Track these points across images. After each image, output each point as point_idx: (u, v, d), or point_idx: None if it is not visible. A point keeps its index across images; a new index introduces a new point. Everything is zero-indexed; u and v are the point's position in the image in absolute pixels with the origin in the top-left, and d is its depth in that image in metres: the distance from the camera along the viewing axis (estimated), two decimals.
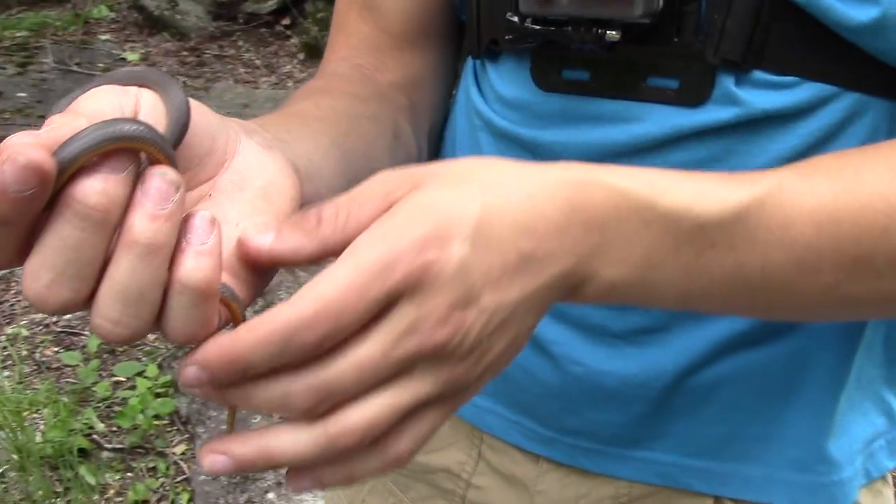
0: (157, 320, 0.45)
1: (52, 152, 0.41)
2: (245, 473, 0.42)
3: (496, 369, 0.49)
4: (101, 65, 4.63)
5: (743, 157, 0.63)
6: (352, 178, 0.65)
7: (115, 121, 0.43)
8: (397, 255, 0.44)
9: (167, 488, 2.26)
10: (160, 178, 0.43)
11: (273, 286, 2.79)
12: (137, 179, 0.43)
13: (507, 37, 0.67)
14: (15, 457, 2.25)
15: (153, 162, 0.44)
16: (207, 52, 4.88)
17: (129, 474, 2.31)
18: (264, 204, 0.51)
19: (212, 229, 0.44)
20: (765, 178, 0.54)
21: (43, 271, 0.42)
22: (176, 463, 2.33)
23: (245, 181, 0.51)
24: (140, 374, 2.56)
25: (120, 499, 2.24)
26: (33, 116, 4.09)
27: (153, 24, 5.02)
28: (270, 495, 2.20)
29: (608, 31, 0.61)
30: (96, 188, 0.41)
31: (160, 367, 2.59)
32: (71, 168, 0.41)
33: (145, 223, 0.42)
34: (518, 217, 0.47)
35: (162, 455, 2.36)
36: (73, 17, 5.05)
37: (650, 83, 0.64)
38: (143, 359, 2.64)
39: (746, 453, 0.71)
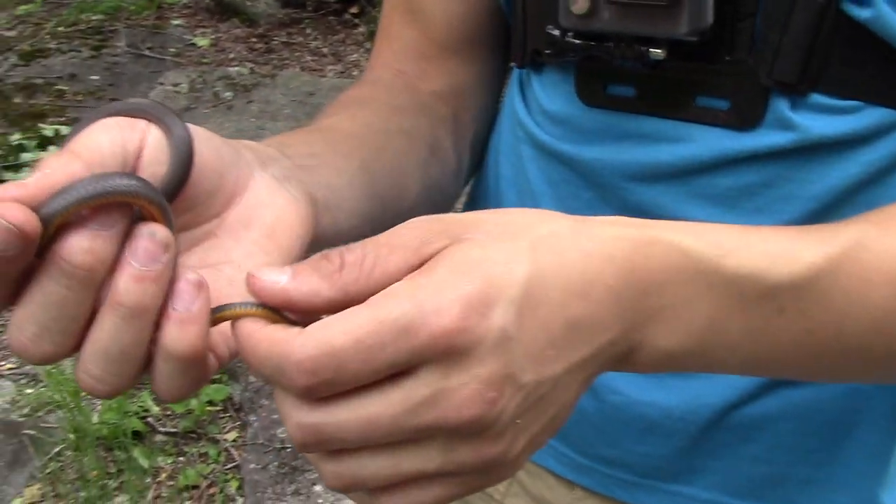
0: (145, 371, 0.44)
1: (37, 208, 0.40)
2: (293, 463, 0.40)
3: (534, 447, 0.44)
4: (172, 49, 4.69)
5: (796, 184, 0.59)
6: (379, 200, 0.63)
7: (106, 175, 0.42)
8: (428, 315, 0.39)
9: (217, 475, 2.29)
10: (149, 238, 0.42)
11: None
12: (126, 236, 0.42)
13: (546, 51, 0.63)
14: (71, 436, 2.29)
15: (145, 216, 0.43)
16: (276, 39, 4.91)
17: (180, 459, 2.33)
18: (269, 243, 0.49)
19: (197, 294, 0.42)
20: (840, 233, 0.48)
21: (27, 324, 0.42)
22: (227, 450, 2.35)
23: (252, 219, 0.49)
24: None
25: (171, 483, 2.26)
26: (105, 99, 4.17)
27: (224, 10, 5.07)
28: (318, 487, 2.21)
29: (652, 49, 0.57)
30: (83, 246, 0.41)
31: None
32: (57, 221, 0.40)
33: (131, 284, 0.41)
34: (571, 279, 0.42)
35: (214, 441, 2.38)
36: (146, 2, 5.13)
37: (699, 103, 0.60)
38: None
39: (792, 497, 0.67)
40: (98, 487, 2.20)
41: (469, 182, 0.80)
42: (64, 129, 3.81)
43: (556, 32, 0.61)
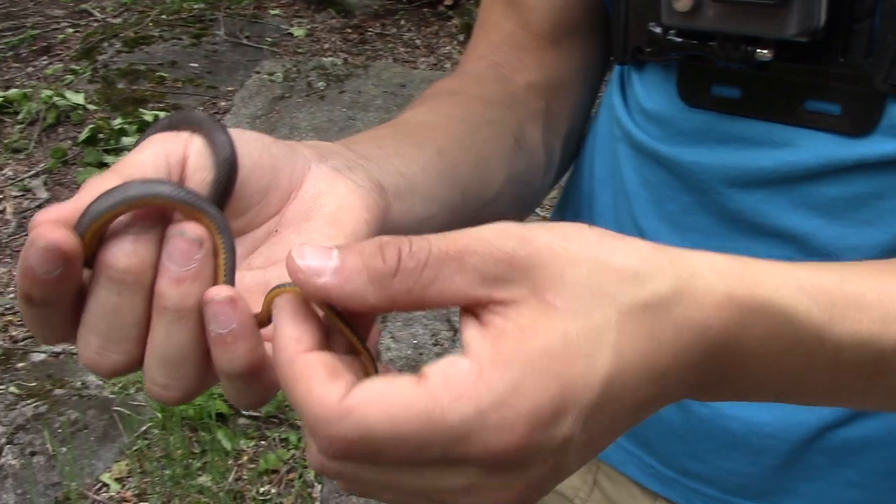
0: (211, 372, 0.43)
1: (74, 225, 0.40)
2: None
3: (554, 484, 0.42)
4: (269, 39, 4.77)
5: None
6: (458, 188, 0.62)
7: (132, 182, 0.42)
8: (489, 429, 0.35)
9: (297, 461, 2.32)
10: (179, 237, 0.42)
11: None
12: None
13: (647, 49, 0.61)
14: (159, 415, 2.35)
15: (186, 219, 0.43)
16: (370, 30, 4.95)
17: (262, 443, 2.37)
18: (332, 230, 0.48)
19: (233, 312, 0.41)
20: None
21: (91, 337, 0.42)
22: None
23: (312, 210, 0.49)
24: None
25: (252, 466, 2.31)
26: (203, 86, 4.27)
27: (320, 1, 5.13)
28: None
29: (758, 50, 0.54)
30: (125, 250, 0.41)
31: None
32: (91, 231, 0.41)
33: (171, 288, 0.41)
34: (655, 367, 0.38)
35: (294, 427, 2.41)
36: None
37: (808, 107, 0.57)
38: None
39: None
40: (182, 467, 2.26)
41: (561, 177, 0.78)
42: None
43: (659, 30, 0.59)
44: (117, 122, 3.89)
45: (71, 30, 4.95)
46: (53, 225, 0.40)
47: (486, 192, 0.66)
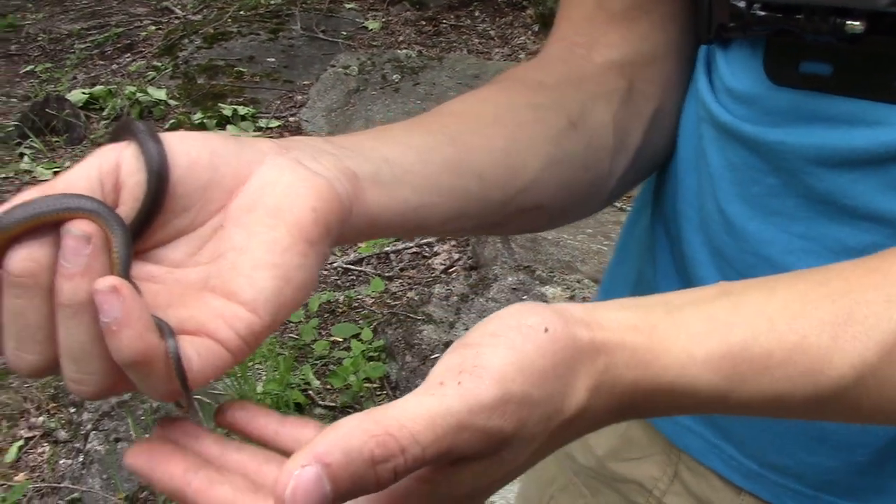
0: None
1: None
2: None
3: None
4: (344, 32, 4.81)
5: None
6: (474, 175, 0.61)
7: (48, 197, 0.44)
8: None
9: None
10: (67, 235, 0.43)
11: (488, 259, 2.80)
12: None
13: (731, 24, 0.59)
14: None
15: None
16: (444, 22, 4.95)
17: None
18: (273, 220, 0.48)
19: (117, 299, 0.42)
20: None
21: (7, 340, 0.45)
22: None
23: (255, 202, 0.49)
24: (356, 336, 2.65)
25: None
26: (280, 80, 4.33)
27: None
28: None
29: (848, 22, 0.51)
30: (21, 255, 0.43)
31: (375, 331, 2.67)
32: (2, 238, 0.44)
33: (64, 283, 0.43)
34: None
35: None
36: None
37: None
38: (360, 322, 2.73)
39: None
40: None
41: (658, 158, 0.75)
42: (242, 109, 3.98)
43: (742, 4, 0.56)
44: (197, 116, 3.97)
45: (153, 27, 5.07)
46: None
47: (518, 177, 0.64)
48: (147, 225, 0.48)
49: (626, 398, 0.45)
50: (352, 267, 3.03)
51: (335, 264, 3.01)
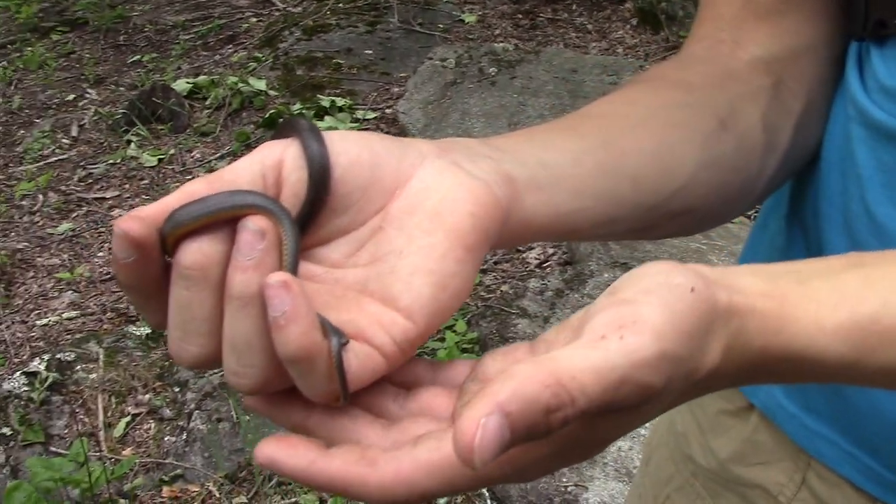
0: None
1: (158, 224, 0.45)
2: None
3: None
4: (440, 25, 4.83)
5: None
6: (628, 179, 0.60)
7: (221, 194, 0.46)
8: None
9: None
10: (243, 230, 0.45)
11: (584, 255, 2.77)
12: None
13: (894, 21, 0.57)
14: None
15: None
16: (541, 15, 4.92)
17: None
18: (433, 225, 0.49)
19: (287, 294, 0.42)
20: None
21: (173, 331, 0.46)
22: None
23: (415, 205, 0.50)
24: (450, 327, 2.67)
25: None
26: (377, 73, 4.37)
27: None
28: None
29: None
30: (192, 248, 0.45)
31: (469, 323, 2.68)
32: (178, 234, 0.45)
33: (236, 276, 0.44)
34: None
35: None
36: None
37: None
38: (455, 313, 2.74)
39: None
40: None
41: (805, 157, 0.73)
42: (339, 101, 4.04)
43: None
44: (296, 107, 4.04)
45: (254, 19, 5.18)
46: (130, 218, 0.45)
47: (671, 181, 0.63)
48: (308, 223, 0.49)
49: (754, 363, 0.45)
50: None
51: None
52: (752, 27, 0.69)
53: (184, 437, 2.35)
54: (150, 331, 2.70)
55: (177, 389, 2.46)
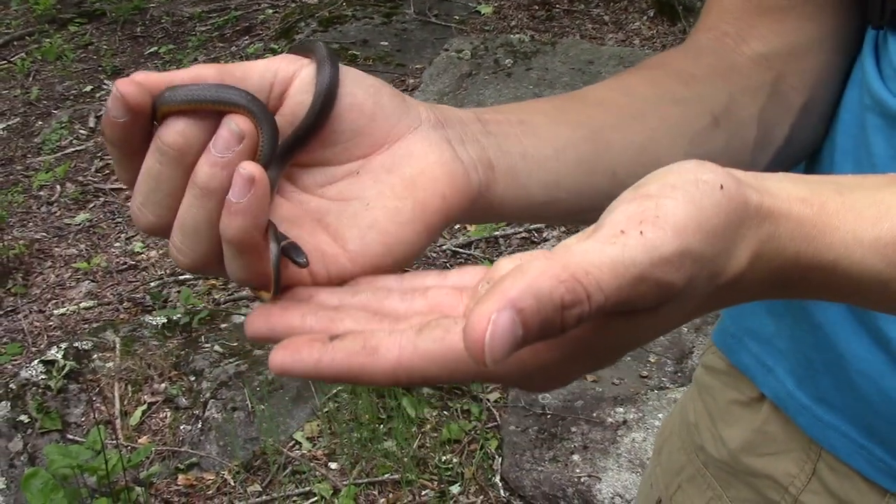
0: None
1: (155, 93, 0.47)
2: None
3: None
4: (456, 17, 4.82)
5: None
6: (608, 173, 0.60)
7: (222, 86, 0.48)
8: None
9: (478, 432, 2.35)
10: (226, 127, 0.46)
11: None
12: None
13: None
14: None
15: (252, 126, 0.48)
16: (557, 6, 4.90)
17: (444, 413, 2.42)
18: (405, 191, 0.51)
19: (248, 188, 0.45)
20: None
21: (137, 195, 0.49)
22: (489, 409, 2.41)
23: (396, 166, 0.52)
24: None
25: (435, 434, 2.36)
26: (393, 64, 4.37)
27: None
28: (576, 456, 2.21)
29: None
30: (176, 129, 0.47)
31: None
32: (166, 110, 0.48)
33: (205, 167, 0.46)
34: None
35: (476, 399, 2.45)
36: None
37: None
38: None
39: None
40: (369, 430, 2.34)
41: (801, 153, 0.73)
42: None
43: None
44: None
45: (271, 10, 5.19)
46: (131, 82, 0.47)
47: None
48: (295, 146, 0.52)
49: (784, 272, 0.43)
50: (460, 250, 3.04)
51: (444, 247, 3.03)
52: (754, 23, 0.69)
53: (199, 425, 2.37)
54: (165, 320, 2.71)
55: (192, 378, 2.48)
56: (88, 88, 4.59)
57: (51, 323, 3.02)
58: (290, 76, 0.51)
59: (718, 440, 0.81)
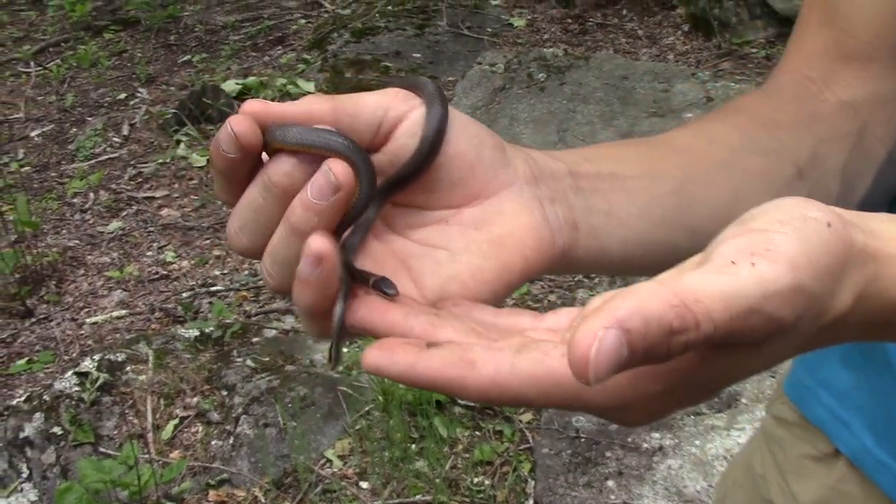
0: None
1: (267, 128, 0.49)
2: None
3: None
4: (489, 29, 4.81)
5: None
6: (688, 230, 0.60)
7: (330, 132, 0.49)
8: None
9: (510, 454, 2.32)
10: (323, 174, 0.47)
11: None
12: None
13: None
14: (380, 398, 2.43)
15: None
16: (591, 20, 4.88)
17: (476, 433, 2.40)
18: (491, 250, 0.52)
19: (316, 265, 0.46)
20: None
21: (235, 218, 0.51)
22: (521, 430, 2.39)
23: (485, 223, 0.53)
24: None
25: (467, 455, 2.33)
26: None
27: None
28: (610, 482, 2.18)
29: None
30: (283, 169, 0.48)
31: None
32: (276, 147, 0.49)
33: (298, 208, 0.48)
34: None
35: (509, 420, 2.42)
36: None
37: None
38: None
39: None
40: (401, 450, 2.32)
41: (885, 203, 0.70)
42: None
43: None
44: None
45: (303, 21, 5.20)
46: (245, 120, 0.48)
47: None
48: (396, 187, 0.52)
49: (885, 314, 0.43)
50: None
51: None
52: (839, 69, 0.67)
53: (231, 441, 2.36)
54: (198, 333, 2.71)
55: (224, 393, 2.47)
56: (122, 96, 4.62)
57: (83, 332, 3.03)
58: (399, 117, 0.51)
59: (788, 495, 0.78)
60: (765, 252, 0.38)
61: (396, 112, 0.51)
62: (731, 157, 0.63)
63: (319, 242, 0.46)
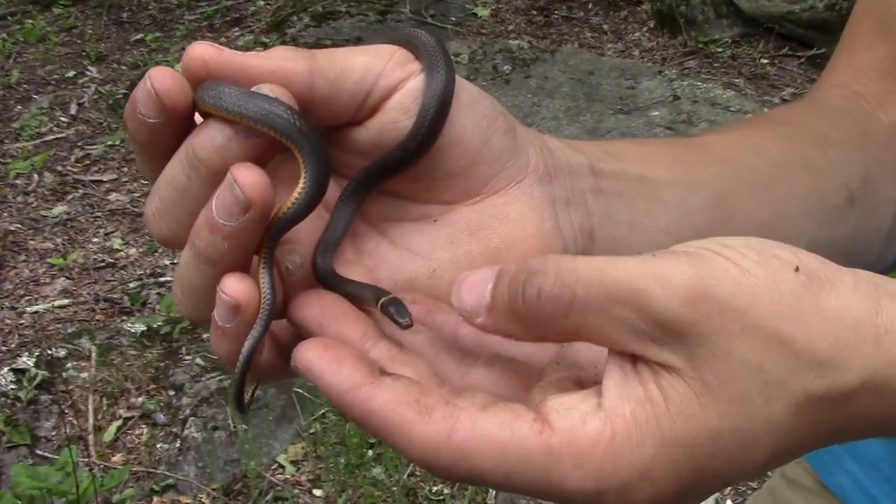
0: None
1: (197, 87, 0.38)
2: None
3: None
4: (453, 18, 4.72)
5: None
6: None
7: (272, 101, 0.37)
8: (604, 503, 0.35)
9: None
10: (228, 189, 0.37)
11: None
12: (268, 157, 0.40)
13: None
14: None
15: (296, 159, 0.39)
16: (556, 12, 4.81)
17: None
18: (485, 263, 0.42)
19: (233, 316, 0.38)
20: None
21: (155, 197, 0.41)
22: None
23: (482, 228, 0.43)
24: None
25: None
26: None
27: None
28: None
29: None
30: (215, 143, 0.38)
31: None
32: (207, 110, 0.38)
33: (204, 231, 0.38)
34: (797, 451, 0.37)
35: None
36: None
37: None
38: None
39: None
40: (357, 455, 2.23)
41: None
42: None
43: None
44: None
45: (262, 2, 5.05)
46: (171, 74, 0.38)
47: None
48: (384, 176, 0.42)
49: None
50: None
51: None
52: (894, 87, 0.60)
53: (177, 444, 2.25)
54: (145, 328, 2.59)
55: (171, 393, 2.36)
56: (71, 74, 4.44)
57: (22, 321, 2.88)
58: (391, 86, 0.41)
59: None
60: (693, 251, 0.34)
61: (389, 80, 0.41)
62: (777, 173, 0.55)
63: (234, 287, 0.37)
